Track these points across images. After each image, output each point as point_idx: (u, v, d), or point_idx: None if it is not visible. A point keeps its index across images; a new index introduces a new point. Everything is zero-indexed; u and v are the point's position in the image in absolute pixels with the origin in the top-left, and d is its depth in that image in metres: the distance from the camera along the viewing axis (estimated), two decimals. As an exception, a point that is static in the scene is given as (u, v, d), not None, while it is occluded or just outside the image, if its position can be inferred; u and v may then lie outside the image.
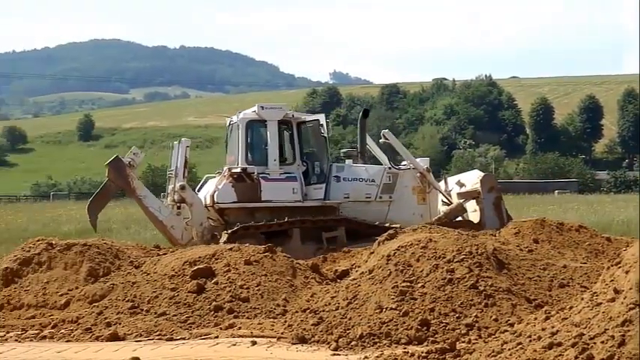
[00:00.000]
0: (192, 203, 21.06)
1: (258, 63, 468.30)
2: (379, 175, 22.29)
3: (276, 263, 13.31)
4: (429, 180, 22.56)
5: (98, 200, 21.48)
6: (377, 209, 22.04)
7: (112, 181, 21.18)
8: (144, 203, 21.17)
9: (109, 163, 21.26)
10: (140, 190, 21.27)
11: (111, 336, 11.12)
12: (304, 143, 22.37)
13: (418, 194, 22.41)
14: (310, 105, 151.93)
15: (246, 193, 21.05)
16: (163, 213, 21.10)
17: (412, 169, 22.52)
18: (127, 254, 15.32)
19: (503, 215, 21.89)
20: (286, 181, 21.41)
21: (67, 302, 13.25)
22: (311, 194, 21.63)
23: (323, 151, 21.97)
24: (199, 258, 13.43)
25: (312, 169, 21.98)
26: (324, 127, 22.01)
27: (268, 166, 21.37)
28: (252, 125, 21.77)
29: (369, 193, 22.13)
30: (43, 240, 15.45)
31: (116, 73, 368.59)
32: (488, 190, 22.01)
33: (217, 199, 20.93)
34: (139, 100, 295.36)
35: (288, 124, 22.04)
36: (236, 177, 21.04)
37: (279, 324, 11.12)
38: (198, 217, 20.94)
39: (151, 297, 12.49)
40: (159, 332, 11.21)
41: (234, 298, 12.17)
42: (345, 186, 21.88)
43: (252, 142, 21.87)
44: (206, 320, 11.69)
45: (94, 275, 14.13)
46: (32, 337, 11.66)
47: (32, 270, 14.45)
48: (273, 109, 22.13)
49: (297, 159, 21.82)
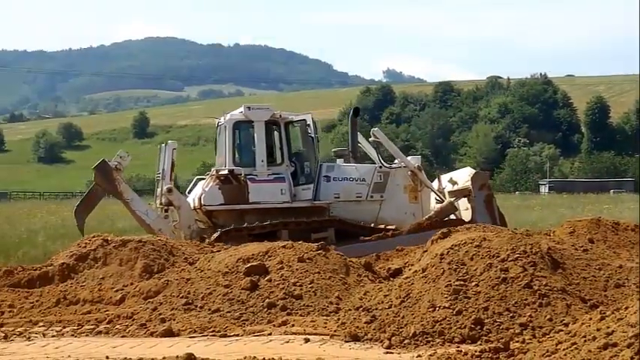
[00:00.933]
0: (179, 206, 20.95)
1: (311, 61, 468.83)
2: (370, 174, 22.00)
3: (329, 261, 13.31)
4: (420, 178, 22.23)
5: (85, 204, 21.31)
6: (368, 209, 21.78)
7: (99, 184, 21.09)
8: (131, 207, 21.03)
9: (96, 167, 21.16)
10: (127, 194, 21.12)
11: (165, 332, 11.19)
12: (292, 143, 22.17)
13: (410, 193, 22.09)
14: (363, 103, 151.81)
15: (234, 194, 20.87)
16: (150, 216, 20.96)
17: (404, 167, 22.28)
18: (182, 251, 15.41)
19: (494, 213, 21.67)
20: (274, 182, 21.20)
21: (122, 298, 13.35)
22: (300, 195, 21.41)
23: (311, 151, 21.72)
24: (253, 255, 13.47)
25: (300, 169, 21.77)
26: (311, 127, 21.76)
27: (256, 167, 21.16)
28: (239, 126, 21.58)
29: (359, 193, 21.84)
30: (99, 236, 15.61)
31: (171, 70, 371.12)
32: (480, 188, 21.77)
33: (204, 202, 20.76)
34: (194, 98, 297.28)
35: (275, 125, 21.81)
36: (223, 179, 20.90)
37: (331, 322, 11.12)
38: (185, 220, 20.82)
39: (204, 293, 12.55)
40: (213, 328, 11.27)
41: (288, 296, 12.19)
42: (335, 186, 21.62)
43: (240, 143, 21.68)
44: (259, 317, 11.72)
45: (148, 271, 14.23)
46: (88, 332, 11.78)
47: (88, 266, 14.60)
48: (260, 110, 21.89)
49: (285, 159, 21.63)
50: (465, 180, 22.00)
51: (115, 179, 20.83)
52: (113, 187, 20.90)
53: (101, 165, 21.05)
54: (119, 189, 20.90)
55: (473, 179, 21.71)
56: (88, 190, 21.72)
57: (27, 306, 13.45)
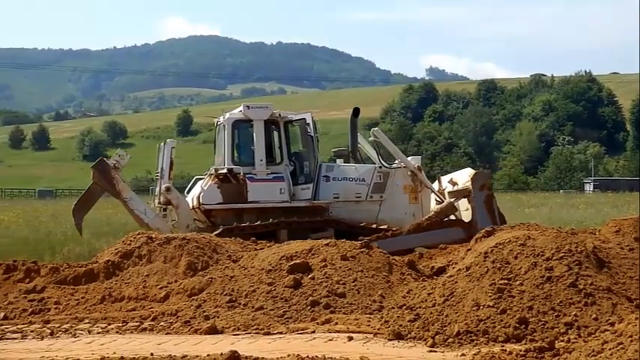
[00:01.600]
0: (177, 205, 20.91)
1: (354, 59, 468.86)
2: (369, 174, 21.92)
3: (373, 259, 13.29)
4: (420, 179, 22.13)
5: (83, 203, 21.25)
6: (367, 209, 21.70)
7: (97, 183, 20.97)
8: (129, 206, 20.99)
9: (94, 165, 21.11)
10: (125, 193, 21.04)
11: (209, 329, 11.23)
12: (291, 143, 22.08)
13: (410, 193, 22.02)
14: (406, 101, 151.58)
15: (232, 193, 20.83)
16: (149, 215, 20.88)
17: (403, 167, 22.16)
18: (225, 248, 15.46)
19: (494, 214, 21.42)
20: (273, 181, 21.15)
21: (167, 295, 13.42)
22: (299, 194, 21.36)
23: (311, 150, 21.61)
24: (296, 253, 13.48)
25: (299, 168, 21.69)
26: (311, 126, 21.65)
27: (255, 167, 21.11)
28: (238, 125, 21.53)
29: (359, 193, 21.77)
30: (144, 234, 15.72)
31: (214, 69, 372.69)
32: (480, 189, 21.55)
33: (203, 201, 20.72)
34: (237, 96, 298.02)
35: (274, 124, 21.74)
36: (222, 178, 20.87)
37: (375, 320, 11.11)
38: (184, 219, 20.76)
39: (248, 291, 12.58)
40: (256, 326, 11.29)
41: (331, 294, 12.18)
42: (335, 186, 21.56)
43: (239, 142, 21.62)
44: (303, 315, 11.73)
45: (192, 269, 14.29)
46: (133, 329, 11.86)
47: (133, 263, 14.69)
48: (260, 109, 21.81)
49: (284, 159, 21.57)
50: (466, 180, 21.86)
51: (114, 178, 20.79)
52: (111, 185, 20.84)
53: (99, 164, 21.05)
54: (117, 188, 20.86)
55: (473, 179, 21.58)
56: (86, 189, 21.52)
57: (72, 303, 13.57)
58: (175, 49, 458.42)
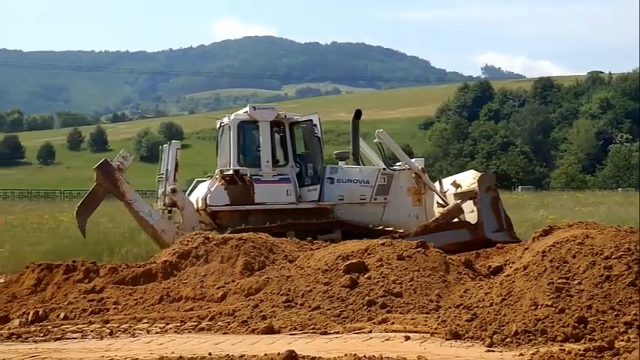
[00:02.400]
0: (183, 207, 20.71)
1: (409, 58, 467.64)
2: (373, 176, 21.84)
3: (429, 259, 13.25)
4: (424, 181, 22.01)
5: (87, 205, 20.89)
6: (372, 211, 21.59)
7: (101, 184, 20.66)
8: (133, 207, 20.70)
9: (98, 166, 20.79)
10: (129, 194, 20.72)
11: (266, 329, 11.27)
12: (297, 144, 21.86)
13: (413, 195, 21.97)
14: (462, 100, 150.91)
15: (239, 195, 20.64)
16: (154, 217, 20.65)
17: (407, 169, 22.02)
18: (281, 248, 15.48)
19: (501, 216, 21.37)
20: (280, 182, 21.00)
21: (224, 295, 13.47)
22: (305, 196, 21.22)
23: (317, 152, 21.49)
24: (352, 253, 13.49)
25: (305, 170, 21.53)
26: (317, 127, 21.50)
27: (261, 168, 20.95)
28: (243, 126, 21.33)
29: (363, 195, 21.69)
30: (201, 234, 15.80)
31: (269, 69, 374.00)
32: (486, 190, 21.48)
33: (210, 202, 20.52)
34: (291, 96, 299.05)
35: (280, 125, 21.56)
36: (228, 179, 20.65)
37: (432, 319, 11.07)
38: (189, 221, 20.57)
39: (305, 291, 12.61)
40: (313, 326, 11.31)
41: (387, 293, 12.16)
42: (340, 188, 21.45)
43: (244, 143, 21.39)
44: (359, 314, 11.72)
45: (249, 269, 14.33)
46: (190, 329, 11.94)
47: (190, 263, 14.76)
48: (266, 110, 21.65)
49: (289, 160, 21.40)
50: (471, 182, 21.79)
51: (118, 179, 20.52)
52: (115, 187, 20.58)
53: (103, 165, 20.72)
54: (122, 189, 20.58)
55: (479, 181, 21.52)
56: (89, 191, 21.16)
57: (131, 303, 13.68)
58: (230, 50, 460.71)
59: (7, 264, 24.59)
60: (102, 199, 21.36)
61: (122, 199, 20.77)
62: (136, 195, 21.08)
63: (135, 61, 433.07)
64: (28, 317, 13.18)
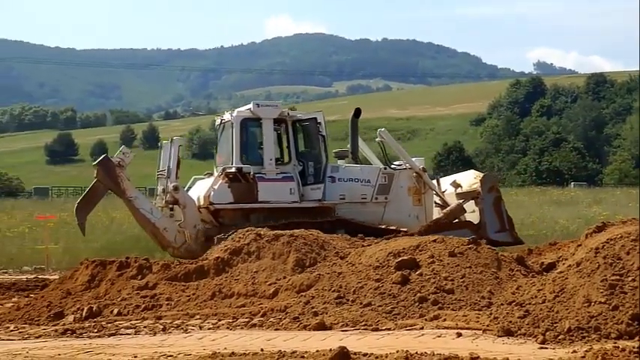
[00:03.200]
0: (185, 205, 20.40)
1: (460, 54, 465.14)
2: (374, 175, 21.67)
3: (481, 255, 13.20)
4: (425, 180, 21.81)
5: (86, 202, 20.57)
6: (373, 210, 21.45)
7: (100, 181, 20.34)
8: (134, 205, 20.39)
9: (98, 163, 20.47)
10: (130, 191, 20.45)
11: (318, 325, 11.30)
12: (300, 142, 21.69)
13: (414, 195, 21.82)
14: (513, 96, 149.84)
15: (243, 193, 20.43)
16: (155, 215, 20.41)
17: (408, 169, 21.83)
18: (333, 245, 15.50)
19: (503, 216, 21.32)
20: (283, 181, 20.81)
21: (276, 291, 13.52)
22: (308, 195, 21.03)
23: (320, 150, 21.29)
24: (403, 249, 13.48)
25: (308, 169, 21.36)
26: (322, 125, 21.33)
27: (264, 166, 20.77)
28: (246, 123, 21.08)
29: (364, 194, 21.53)
30: (252, 231, 15.86)
31: (320, 66, 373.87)
32: (489, 190, 21.44)
33: (213, 200, 20.30)
34: (342, 93, 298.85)
35: (283, 123, 21.39)
36: (231, 177, 20.41)
37: (484, 316, 11.03)
38: (191, 219, 20.33)
39: (356, 287, 12.62)
40: (364, 322, 11.32)
41: (439, 290, 12.14)
42: (341, 187, 21.27)
43: (247, 141, 21.14)
44: (411, 311, 11.71)
45: (300, 265, 14.36)
46: (243, 325, 12.01)
47: (242, 260, 14.83)
48: (269, 107, 21.48)
49: (292, 159, 21.24)
50: (473, 182, 21.74)
51: (119, 176, 20.25)
52: (116, 184, 20.28)
53: (104, 161, 20.45)
54: (122, 186, 20.30)
55: (482, 181, 21.51)
56: (89, 188, 20.83)
57: (184, 299, 13.78)
58: (281, 47, 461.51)
59: (61, 260, 24.96)
60: (102, 196, 21.13)
61: (122, 196, 20.53)
62: (137, 192, 20.96)
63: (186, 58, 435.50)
64: (83, 313, 13.34)
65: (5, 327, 13.20)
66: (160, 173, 21.39)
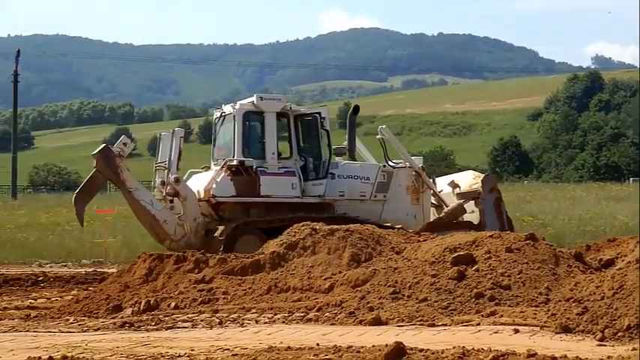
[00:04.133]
0: (185, 197, 20.15)
1: (516, 49, 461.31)
2: (374, 173, 21.50)
3: (538, 251, 13.10)
4: (423, 179, 21.55)
5: (85, 192, 20.30)
6: (371, 208, 21.25)
7: (100, 171, 20.09)
8: (134, 196, 20.05)
9: (98, 152, 20.13)
10: (130, 182, 20.17)
11: (373, 320, 11.30)
12: (302, 137, 21.43)
13: (412, 194, 21.64)
14: (571, 90, 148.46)
15: (245, 187, 20.23)
16: (156, 207, 20.11)
17: (408, 167, 21.62)
18: (388, 240, 15.47)
19: (503, 217, 21.23)
20: (285, 175, 20.59)
21: (331, 286, 13.53)
22: (309, 190, 20.79)
23: (323, 145, 21.07)
24: (460, 245, 13.42)
25: (310, 164, 21.14)
26: (326, 120, 21.08)
27: (266, 160, 20.56)
28: (249, 116, 20.86)
29: (363, 192, 21.37)
30: (308, 225, 15.88)
31: (375, 61, 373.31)
32: (489, 191, 21.34)
33: (216, 193, 20.10)
34: (397, 88, 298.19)
35: (284, 117, 21.17)
36: (234, 170, 20.17)
37: (541, 313, 10.94)
38: (191, 212, 20.07)
39: (412, 283, 12.59)
40: (420, 318, 11.29)
41: (496, 286, 12.07)
42: (340, 183, 21.09)
43: (250, 134, 20.92)
44: (467, 307, 11.66)
45: (356, 260, 14.36)
46: (298, 319, 12.04)
47: (297, 254, 14.86)
48: (272, 100, 21.28)
49: (294, 153, 21.03)
50: (474, 183, 21.68)
51: (118, 166, 20.01)
52: (115, 174, 20.04)
53: (103, 151, 20.14)
54: (122, 177, 20.06)
55: (483, 182, 21.43)
56: (88, 178, 20.54)
57: (240, 293, 13.83)
58: (336, 42, 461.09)
59: (119, 254, 25.23)
60: (101, 187, 21.10)
61: (122, 187, 20.29)
62: (137, 183, 20.69)
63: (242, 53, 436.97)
64: (140, 306, 13.46)
65: (65, 319, 13.37)
66: (159, 165, 21.19)
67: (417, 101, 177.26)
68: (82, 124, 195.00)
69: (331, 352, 8.68)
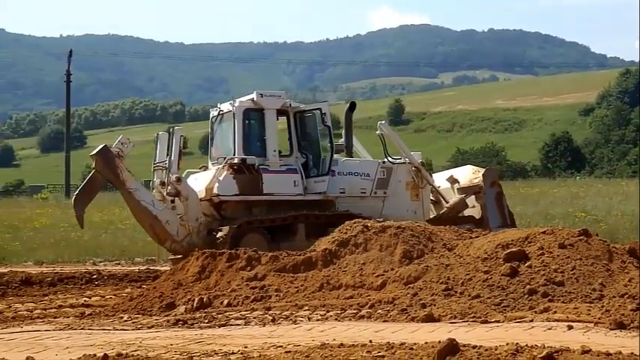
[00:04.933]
0: (187, 197, 19.86)
1: (568, 44, 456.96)
2: (374, 169, 21.29)
3: (592, 247, 13.00)
4: (423, 175, 21.34)
5: (85, 194, 19.97)
6: (371, 205, 21.03)
7: (99, 172, 19.75)
8: (135, 197, 19.70)
9: (96, 153, 19.77)
10: (130, 183, 19.82)
11: (426, 317, 11.29)
12: (303, 134, 21.18)
13: (412, 190, 21.42)
14: (623, 85, 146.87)
15: (248, 185, 19.97)
16: (157, 207, 19.79)
17: (407, 163, 21.40)
18: (440, 237, 15.44)
19: (504, 211, 21.05)
20: (287, 173, 20.36)
21: (383, 283, 13.53)
22: (311, 187, 20.57)
23: (326, 142, 20.84)
24: (512, 241, 13.37)
25: (311, 161, 20.93)
26: (327, 116, 20.78)
27: (267, 158, 20.31)
28: (249, 114, 20.64)
29: (364, 189, 21.17)
30: (359, 222, 15.90)
31: (425, 58, 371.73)
32: (491, 185, 21.19)
33: (219, 192, 19.85)
34: (448, 84, 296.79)
35: (284, 114, 20.95)
36: (236, 168, 19.91)
37: (595, 309, 10.87)
38: (193, 212, 19.81)
39: (464, 279, 12.56)
40: (473, 314, 11.26)
41: (549, 282, 12.00)
42: (341, 180, 20.88)
43: (250, 131, 20.70)
44: (520, 303, 11.61)
45: (408, 257, 14.34)
46: (351, 317, 12.06)
47: (349, 251, 14.87)
48: (272, 97, 20.99)
49: (294, 150, 20.79)
50: (475, 177, 21.50)
51: (118, 166, 19.70)
52: (115, 175, 19.72)
53: (102, 151, 19.78)
54: (121, 177, 19.73)
55: (484, 176, 21.29)
56: (87, 179, 20.31)
57: (292, 290, 13.89)
58: (386, 39, 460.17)
59: (172, 252, 25.32)
60: (100, 188, 20.77)
61: (122, 188, 19.97)
62: (137, 184, 20.43)
63: (292, 51, 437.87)
64: (194, 304, 13.56)
65: (119, 317, 13.51)
66: (157, 165, 21.01)
67: (468, 97, 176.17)
68: (133, 123, 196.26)
69: (384, 349, 8.69)
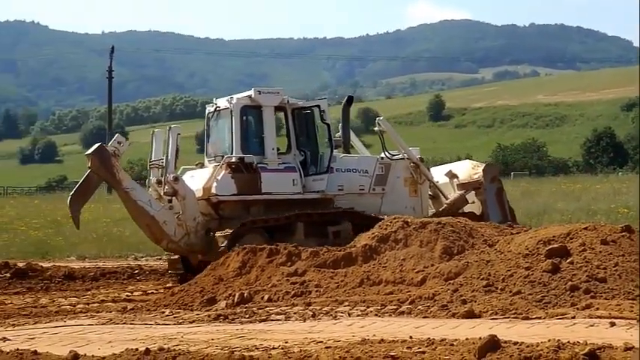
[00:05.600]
0: (184, 196, 19.33)
1: (610, 38, 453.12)
2: (372, 165, 20.91)
3: (634, 243, 12.90)
4: (422, 171, 21.02)
5: (80, 194, 19.49)
6: (370, 201, 20.62)
7: (95, 172, 19.24)
8: (131, 196, 19.22)
9: (92, 152, 19.32)
10: (126, 182, 19.35)
11: (467, 313, 11.26)
12: (301, 131, 20.78)
13: (410, 186, 21.04)
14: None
15: (246, 185, 19.49)
16: (155, 207, 19.27)
17: (406, 159, 21.08)
18: (481, 232, 15.40)
19: (505, 207, 20.79)
20: (285, 171, 19.92)
21: (423, 279, 13.52)
22: (310, 185, 20.16)
23: (323, 139, 20.49)
24: (553, 237, 13.29)
25: (309, 159, 20.55)
26: (326, 113, 20.46)
27: (266, 156, 19.85)
28: (246, 111, 20.16)
29: (362, 185, 20.75)
30: (399, 218, 15.88)
31: (466, 53, 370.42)
32: (491, 181, 20.92)
33: (217, 191, 19.36)
34: (488, 80, 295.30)
35: (282, 111, 20.62)
36: (234, 167, 19.49)
37: (638, 305, 10.79)
38: (191, 211, 19.31)
39: (505, 275, 12.51)
40: (514, 311, 11.22)
41: (591, 278, 11.92)
42: (339, 177, 20.41)
43: (248, 129, 20.27)
44: (562, 300, 11.55)
45: (448, 253, 14.32)
46: (391, 312, 12.07)
47: (389, 247, 14.86)
48: (270, 94, 20.49)
49: (292, 148, 20.42)
50: (473, 172, 21.23)
51: (114, 166, 19.22)
52: (111, 174, 19.23)
53: (98, 150, 19.32)
54: (118, 177, 19.26)
55: (485, 171, 21.00)
56: (83, 178, 19.70)
57: (332, 286, 13.91)
58: (427, 34, 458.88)
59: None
60: (96, 188, 20.40)
61: (118, 188, 19.56)
62: (134, 183, 19.97)
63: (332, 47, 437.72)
64: (234, 299, 13.64)
65: (160, 312, 13.62)
66: (153, 163, 20.63)
67: (509, 93, 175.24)
68: (174, 118, 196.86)
69: (424, 345, 8.68)
